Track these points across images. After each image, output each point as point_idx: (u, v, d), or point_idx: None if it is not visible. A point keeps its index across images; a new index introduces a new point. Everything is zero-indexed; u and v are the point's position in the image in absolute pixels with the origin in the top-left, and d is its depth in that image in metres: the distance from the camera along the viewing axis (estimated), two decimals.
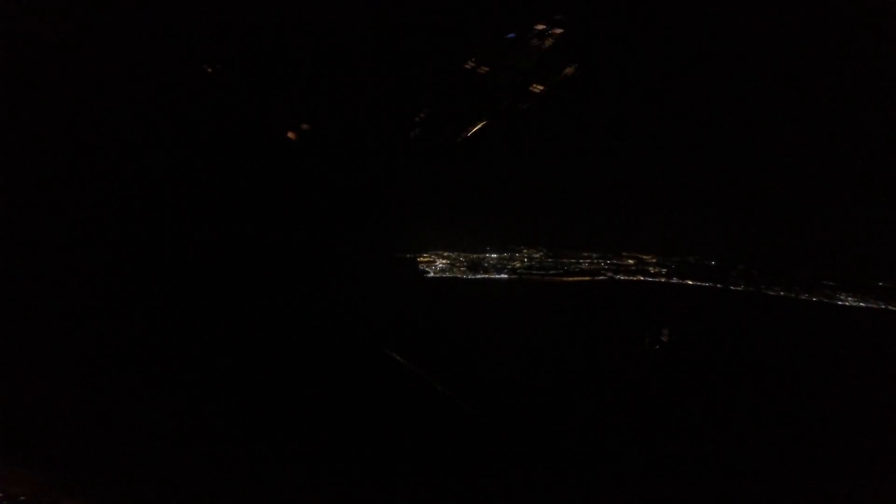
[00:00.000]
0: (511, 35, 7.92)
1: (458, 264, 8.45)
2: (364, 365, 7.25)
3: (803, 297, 7.88)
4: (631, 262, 8.59)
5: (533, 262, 8.57)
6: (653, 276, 8.50)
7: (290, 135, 7.34)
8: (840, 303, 7.71)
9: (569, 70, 7.92)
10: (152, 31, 6.83)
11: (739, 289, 8.15)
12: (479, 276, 8.37)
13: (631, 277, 8.52)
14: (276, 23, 7.13)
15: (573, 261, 8.60)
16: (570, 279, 8.50)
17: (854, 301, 7.66)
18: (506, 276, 8.45)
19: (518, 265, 8.56)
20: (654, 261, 8.55)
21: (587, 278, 8.50)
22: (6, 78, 6.33)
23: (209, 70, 7.05)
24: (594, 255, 8.60)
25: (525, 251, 8.59)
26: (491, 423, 6.91)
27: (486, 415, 6.95)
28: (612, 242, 8.53)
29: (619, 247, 8.56)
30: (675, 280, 8.42)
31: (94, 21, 6.58)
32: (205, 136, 7.06)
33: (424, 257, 8.39)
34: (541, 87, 7.92)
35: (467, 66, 7.88)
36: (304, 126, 7.38)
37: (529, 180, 8.04)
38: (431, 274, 8.31)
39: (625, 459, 6.63)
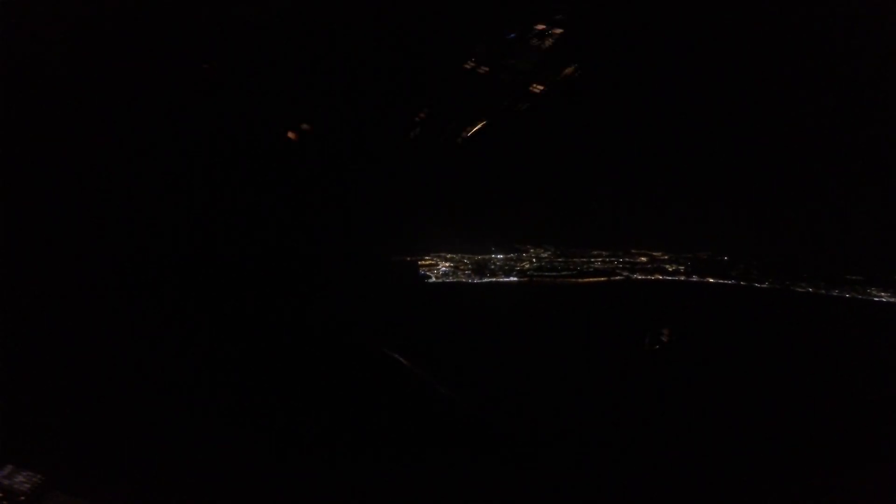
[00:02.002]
0: (511, 35, 7.99)
1: (462, 266, 8.20)
2: (369, 369, 7.16)
3: (834, 294, 7.57)
4: (643, 259, 8.29)
5: (543, 263, 8.27)
6: (671, 274, 8.20)
7: (291, 135, 7.39)
8: (876, 299, 7.40)
9: (569, 70, 7.93)
10: (152, 30, 7.00)
11: (764, 286, 7.88)
12: (486, 280, 8.08)
13: (648, 277, 8.21)
14: (277, 23, 7.22)
15: (584, 260, 8.29)
16: (586, 280, 8.19)
17: (889, 297, 7.35)
18: (515, 278, 8.15)
19: (527, 266, 8.26)
20: (667, 258, 8.25)
21: (603, 279, 8.19)
22: (6, 78, 6.48)
23: (209, 70, 7.17)
24: (604, 253, 8.30)
25: (532, 250, 8.34)
26: (505, 430, 6.74)
27: (498, 422, 6.79)
28: (618, 239, 8.30)
29: (625, 244, 8.33)
30: (695, 278, 8.11)
31: (94, 21, 6.75)
32: (205, 137, 7.10)
33: (427, 260, 8.17)
34: (541, 87, 7.93)
35: (467, 66, 7.93)
36: (304, 126, 7.43)
37: (530, 180, 7.96)
38: (433, 278, 8.07)
39: (642, 463, 6.39)
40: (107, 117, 6.90)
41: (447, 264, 8.24)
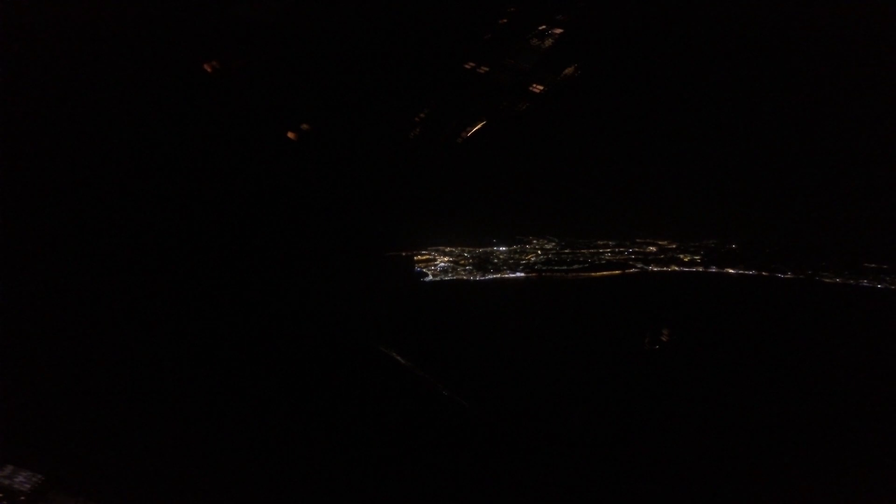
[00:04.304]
0: (511, 35, 8.05)
1: (462, 261, 7.97)
2: (369, 368, 7.13)
3: (864, 285, 7.23)
4: (653, 249, 7.96)
5: (549, 255, 7.97)
6: (687, 265, 7.82)
7: (290, 135, 7.44)
8: None
9: (569, 70, 7.96)
10: (152, 30, 7.12)
11: (787, 276, 7.54)
12: (490, 276, 7.81)
13: (665, 268, 7.86)
14: (277, 23, 7.25)
15: (592, 251, 7.99)
16: (599, 273, 7.86)
17: None
18: (522, 273, 7.86)
19: (532, 259, 7.97)
20: (675, 246, 7.94)
21: (618, 272, 7.87)
22: (6, 78, 6.59)
23: (209, 70, 7.28)
24: (611, 243, 8.01)
25: (535, 241, 8.09)
26: (509, 433, 6.60)
27: (502, 425, 6.65)
28: (621, 228, 8.09)
29: (629, 233, 8.08)
30: (713, 269, 7.74)
31: (94, 21, 6.89)
32: (205, 136, 7.12)
33: (424, 254, 7.96)
34: (541, 87, 7.95)
35: (467, 66, 7.98)
36: (304, 126, 7.45)
37: (528, 177, 7.96)
38: (431, 276, 7.89)
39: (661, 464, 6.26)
40: (107, 117, 6.95)
41: (446, 259, 8.01)
